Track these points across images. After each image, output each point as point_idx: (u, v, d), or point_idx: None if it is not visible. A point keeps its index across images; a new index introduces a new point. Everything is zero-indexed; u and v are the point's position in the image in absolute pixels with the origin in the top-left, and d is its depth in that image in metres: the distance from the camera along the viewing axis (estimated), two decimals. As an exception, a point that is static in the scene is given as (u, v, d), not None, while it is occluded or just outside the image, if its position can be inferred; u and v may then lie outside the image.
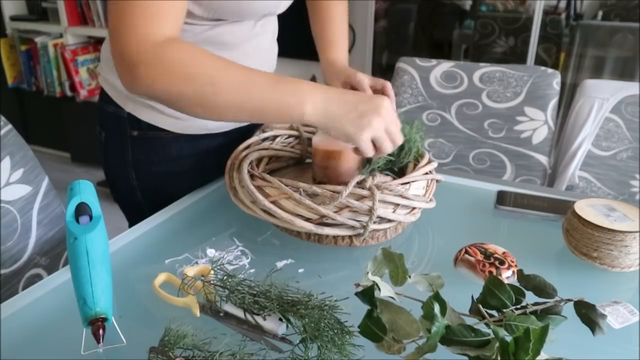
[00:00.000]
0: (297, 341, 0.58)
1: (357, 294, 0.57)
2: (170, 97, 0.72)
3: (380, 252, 0.59)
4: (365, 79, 0.94)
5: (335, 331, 0.57)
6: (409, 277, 0.59)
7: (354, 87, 0.95)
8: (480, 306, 0.57)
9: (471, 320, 0.55)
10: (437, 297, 0.51)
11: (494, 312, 0.57)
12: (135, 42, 0.69)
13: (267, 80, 0.72)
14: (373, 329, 0.54)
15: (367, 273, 0.58)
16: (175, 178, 1.01)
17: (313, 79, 3.04)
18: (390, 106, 0.73)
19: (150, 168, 1.00)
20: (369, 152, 0.74)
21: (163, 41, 0.70)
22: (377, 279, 0.56)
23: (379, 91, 0.93)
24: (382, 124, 0.72)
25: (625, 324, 0.64)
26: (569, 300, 0.58)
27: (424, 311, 0.52)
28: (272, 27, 1.01)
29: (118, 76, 0.72)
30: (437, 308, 0.50)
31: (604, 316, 0.56)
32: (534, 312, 0.56)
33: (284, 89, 0.72)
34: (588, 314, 0.57)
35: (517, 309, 0.56)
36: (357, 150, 0.75)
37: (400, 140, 0.75)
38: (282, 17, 1.01)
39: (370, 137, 0.72)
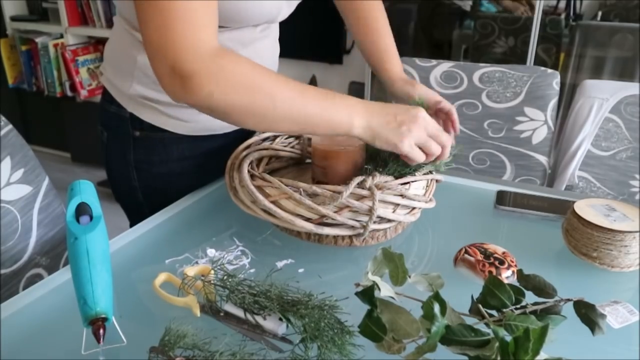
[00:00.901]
0: (297, 341, 0.58)
1: (357, 293, 0.57)
2: (226, 108, 0.71)
3: (380, 252, 0.59)
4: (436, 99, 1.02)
5: (335, 331, 0.57)
6: (409, 277, 0.59)
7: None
8: (480, 306, 0.57)
9: (471, 320, 0.55)
10: (437, 297, 0.51)
11: (493, 312, 0.57)
12: (189, 52, 0.67)
13: (319, 94, 0.75)
14: (373, 329, 0.54)
15: (367, 273, 0.58)
16: (176, 179, 1.01)
17: (313, 78, 3.04)
18: (428, 116, 0.79)
19: (151, 169, 1.00)
20: (418, 157, 0.78)
21: (218, 50, 0.70)
22: (377, 279, 0.56)
23: (443, 113, 1.02)
24: (421, 130, 0.77)
25: (625, 324, 0.64)
26: (569, 300, 0.58)
27: (424, 311, 0.52)
28: (273, 31, 1.01)
29: (164, 88, 0.70)
30: (437, 308, 0.50)
31: (603, 316, 0.56)
32: (533, 312, 0.57)
33: (334, 103, 0.75)
34: (588, 314, 0.57)
35: (516, 308, 0.56)
36: (407, 158, 0.79)
37: (447, 140, 0.79)
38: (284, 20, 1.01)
39: (412, 143, 0.76)
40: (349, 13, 1.11)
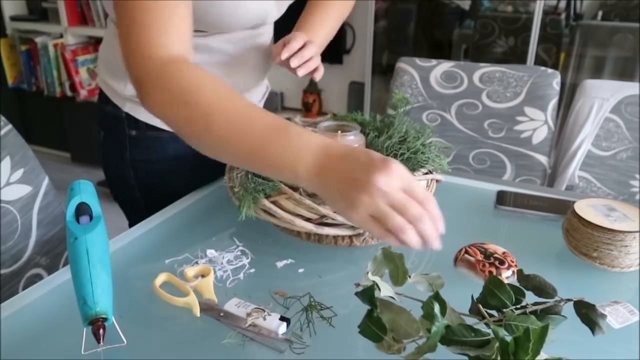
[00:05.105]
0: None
1: (357, 294, 0.57)
2: (166, 120, 0.69)
3: (380, 252, 0.59)
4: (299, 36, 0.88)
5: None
6: (409, 277, 0.59)
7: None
8: (480, 306, 0.57)
9: (471, 320, 0.55)
10: (437, 297, 0.51)
11: (493, 312, 0.57)
12: (140, 60, 0.68)
13: (265, 128, 0.62)
14: (373, 329, 0.54)
15: (367, 273, 0.58)
16: (174, 177, 1.01)
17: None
18: (398, 175, 0.56)
19: (148, 167, 1.00)
20: (374, 232, 0.57)
21: (168, 60, 0.68)
22: (377, 279, 0.56)
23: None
24: (378, 199, 0.55)
25: (625, 324, 0.64)
26: (569, 300, 0.58)
27: (424, 311, 0.52)
28: (267, 29, 1.01)
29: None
30: (437, 308, 0.50)
31: (604, 316, 0.56)
32: (534, 312, 0.56)
33: (280, 144, 0.61)
34: (588, 314, 0.57)
35: (517, 308, 0.56)
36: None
37: (419, 214, 0.57)
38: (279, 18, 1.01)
39: (364, 215, 0.56)
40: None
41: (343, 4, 1.06)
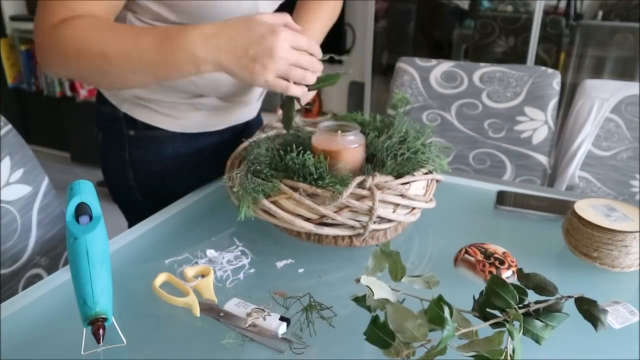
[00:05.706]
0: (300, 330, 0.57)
1: (353, 299, 0.56)
2: (72, 75, 0.79)
3: (378, 248, 0.59)
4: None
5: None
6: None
7: None
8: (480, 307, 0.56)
9: (475, 321, 0.55)
10: (441, 300, 0.50)
11: (496, 313, 0.56)
12: (39, 28, 0.73)
13: (154, 41, 0.71)
14: (380, 335, 0.53)
15: (367, 268, 0.58)
16: (173, 177, 1.01)
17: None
18: (287, 39, 0.69)
19: (147, 167, 1.00)
20: (282, 90, 0.72)
21: (60, 21, 0.72)
22: (371, 281, 0.56)
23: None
24: (279, 62, 0.69)
25: (625, 324, 0.64)
26: (570, 297, 0.58)
27: (428, 315, 0.51)
28: None
29: None
30: (447, 311, 0.49)
31: (605, 311, 0.56)
32: (536, 311, 0.56)
33: (172, 47, 0.71)
34: (590, 310, 0.56)
35: (520, 308, 0.56)
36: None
37: (313, 63, 0.72)
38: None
39: (269, 78, 0.70)
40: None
41: (331, 5, 1.06)
